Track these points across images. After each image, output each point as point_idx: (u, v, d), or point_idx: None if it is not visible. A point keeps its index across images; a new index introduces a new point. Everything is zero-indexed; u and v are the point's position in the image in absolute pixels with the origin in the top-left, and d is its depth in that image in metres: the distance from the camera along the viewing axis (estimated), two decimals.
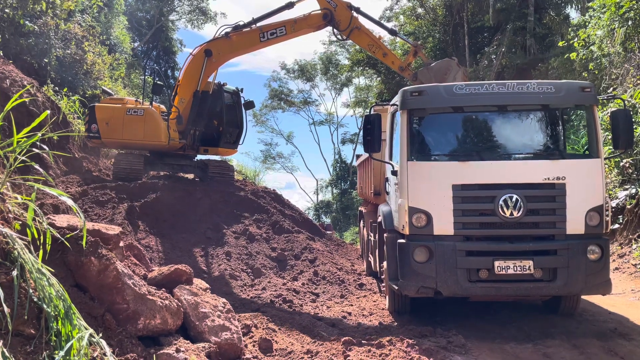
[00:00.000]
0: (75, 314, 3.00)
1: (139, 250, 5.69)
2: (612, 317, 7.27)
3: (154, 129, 12.42)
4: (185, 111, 12.87)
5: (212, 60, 12.21)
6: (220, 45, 12.49)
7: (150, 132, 12.43)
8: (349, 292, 9.15)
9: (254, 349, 5.33)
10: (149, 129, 12.43)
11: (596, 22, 14.19)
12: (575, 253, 6.22)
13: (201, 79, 12.25)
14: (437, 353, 5.53)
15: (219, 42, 12.56)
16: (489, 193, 6.35)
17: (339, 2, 11.46)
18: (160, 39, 38.36)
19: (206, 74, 12.50)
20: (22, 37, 14.85)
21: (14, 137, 3.56)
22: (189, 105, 12.83)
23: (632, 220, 11.18)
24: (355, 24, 11.48)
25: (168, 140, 12.40)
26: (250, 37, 12.21)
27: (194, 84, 12.66)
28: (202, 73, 12.23)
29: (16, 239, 3.08)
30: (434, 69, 10.81)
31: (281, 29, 11.86)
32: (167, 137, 12.34)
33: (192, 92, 12.61)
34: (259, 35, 12.00)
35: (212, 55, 12.22)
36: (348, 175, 46.95)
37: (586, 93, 6.60)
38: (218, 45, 12.51)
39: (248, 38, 12.27)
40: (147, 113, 12.54)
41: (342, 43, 46.31)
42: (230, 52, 12.74)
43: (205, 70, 12.32)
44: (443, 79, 10.13)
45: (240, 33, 12.28)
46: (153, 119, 12.45)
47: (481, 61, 27.62)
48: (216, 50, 12.43)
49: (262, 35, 11.94)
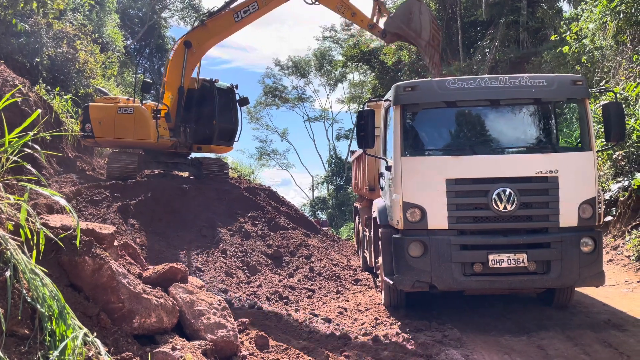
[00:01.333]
0: (70, 314, 3.00)
1: (134, 249, 5.68)
2: (605, 309, 7.33)
3: (143, 127, 12.42)
4: (173, 108, 12.84)
5: (192, 51, 12.14)
6: (198, 35, 12.45)
7: (140, 130, 12.45)
8: (344, 287, 9.17)
9: (250, 345, 5.35)
10: (139, 128, 12.46)
11: (588, 15, 14.22)
12: (568, 245, 6.26)
13: (184, 73, 12.16)
14: (433, 347, 5.57)
15: (196, 31, 12.53)
16: (482, 187, 6.38)
17: None
18: (152, 36, 38.18)
19: (189, 67, 12.39)
20: (14, 36, 14.77)
21: (5, 137, 3.55)
22: (175, 102, 12.82)
23: (625, 213, 11.25)
24: None
25: (157, 138, 12.41)
26: (225, 20, 12.17)
27: (179, 80, 12.63)
28: (184, 66, 12.14)
29: (9, 240, 3.07)
30: (398, 16, 10.89)
31: (253, 5, 11.82)
32: (156, 135, 12.35)
33: (177, 88, 12.56)
34: (233, 16, 11.97)
35: (191, 46, 12.15)
36: (343, 171, 46.96)
37: (578, 86, 6.63)
38: (196, 35, 12.47)
39: (223, 21, 12.22)
40: (137, 111, 12.57)
41: (335, 38, 46.38)
42: (208, 40, 12.65)
43: (187, 63, 12.23)
44: (409, 21, 10.26)
45: (215, 18, 12.26)
46: (143, 117, 12.45)
47: (474, 55, 27.65)
48: (195, 40, 12.38)
49: (236, 16, 11.92)
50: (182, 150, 13.69)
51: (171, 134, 12.88)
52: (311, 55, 49.76)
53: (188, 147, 13.73)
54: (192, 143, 13.72)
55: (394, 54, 33.28)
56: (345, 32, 44.68)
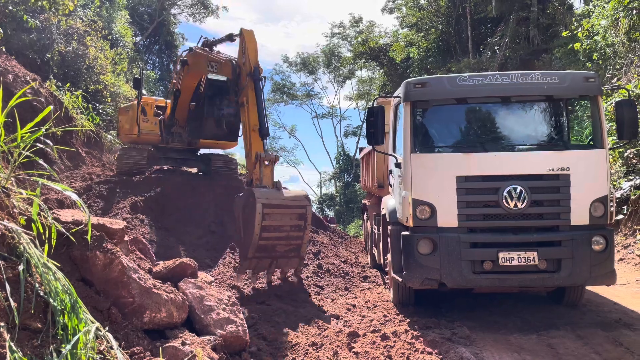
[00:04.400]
0: (82, 308, 3.02)
1: (144, 245, 5.72)
2: (616, 308, 7.27)
3: (130, 122, 13.12)
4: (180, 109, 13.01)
5: (187, 71, 11.46)
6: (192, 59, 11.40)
7: (129, 126, 13.18)
8: (353, 284, 9.17)
9: (259, 341, 5.36)
10: (130, 124, 13.18)
11: (600, 11, 14.08)
12: (579, 244, 6.21)
13: (181, 83, 11.96)
14: (442, 344, 5.55)
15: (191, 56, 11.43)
16: (493, 184, 6.33)
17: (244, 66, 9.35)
18: (162, 33, 38.34)
19: (185, 81, 11.84)
20: (25, 32, 14.87)
21: (18, 132, 3.56)
22: (172, 102, 13.01)
23: (636, 211, 11.14)
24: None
25: (138, 133, 12.86)
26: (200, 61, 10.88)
27: (176, 84, 12.58)
28: (181, 80, 11.89)
29: (22, 234, 3.09)
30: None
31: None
32: (138, 130, 12.83)
33: (174, 91, 12.58)
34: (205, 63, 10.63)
35: (188, 65, 11.41)
36: (351, 168, 46.90)
37: (590, 83, 6.56)
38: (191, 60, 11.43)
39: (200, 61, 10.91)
40: (130, 108, 13.34)
41: (344, 35, 46.19)
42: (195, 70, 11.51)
43: (183, 78, 11.76)
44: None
45: (194, 55, 11.09)
46: (133, 113, 13.03)
47: (484, 52, 27.47)
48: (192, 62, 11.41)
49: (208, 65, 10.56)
50: (176, 145, 13.57)
51: (165, 130, 13.06)
52: (319, 52, 49.76)
53: (186, 142, 13.59)
54: (190, 138, 13.57)
55: (402, 50, 33.17)
56: (354, 28, 44.58)
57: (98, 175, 13.03)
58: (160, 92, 30.90)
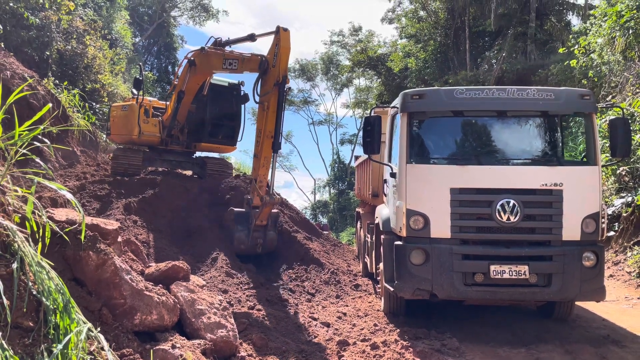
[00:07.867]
0: (74, 308, 3.02)
1: (137, 246, 5.70)
2: (605, 324, 7.32)
3: (130, 123, 12.85)
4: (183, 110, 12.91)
5: (194, 71, 11.26)
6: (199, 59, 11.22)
7: (128, 126, 12.90)
8: (344, 292, 9.17)
9: (249, 347, 5.35)
10: (128, 124, 12.91)
11: (597, 30, 14.24)
12: (570, 259, 6.25)
13: (185, 84, 11.76)
14: (431, 355, 5.56)
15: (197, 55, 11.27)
16: (486, 197, 6.38)
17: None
18: (161, 34, 38.36)
19: (190, 82, 11.65)
20: (24, 29, 14.84)
21: (15, 129, 3.56)
22: (174, 103, 12.82)
23: (627, 228, 11.24)
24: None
25: (139, 134, 12.71)
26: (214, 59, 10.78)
27: (181, 85, 12.42)
28: (186, 81, 11.68)
29: (16, 232, 3.09)
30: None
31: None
32: (139, 131, 12.67)
33: (177, 92, 12.40)
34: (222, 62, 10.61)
35: (195, 65, 11.18)
36: (346, 175, 47.00)
37: (585, 100, 6.64)
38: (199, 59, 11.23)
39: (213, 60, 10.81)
40: (129, 108, 13.04)
41: (342, 43, 46.43)
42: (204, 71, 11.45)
43: (188, 80, 11.54)
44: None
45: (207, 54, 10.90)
46: (132, 114, 12.82)
47: (482, 65, 27.70)
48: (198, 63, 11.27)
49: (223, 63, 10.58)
50: (174, 147, 13.56)
51: (164, 132, 12.99)
52: (318, 59, 49.96)
53: (184, 144, 13.59)
54: (189, 141, 13.58)
55: (401, 60, 33.39)
56: (354, 37, 44.83)
57: (92, 174, 12.97)
58: (158, 93, 30.88)
